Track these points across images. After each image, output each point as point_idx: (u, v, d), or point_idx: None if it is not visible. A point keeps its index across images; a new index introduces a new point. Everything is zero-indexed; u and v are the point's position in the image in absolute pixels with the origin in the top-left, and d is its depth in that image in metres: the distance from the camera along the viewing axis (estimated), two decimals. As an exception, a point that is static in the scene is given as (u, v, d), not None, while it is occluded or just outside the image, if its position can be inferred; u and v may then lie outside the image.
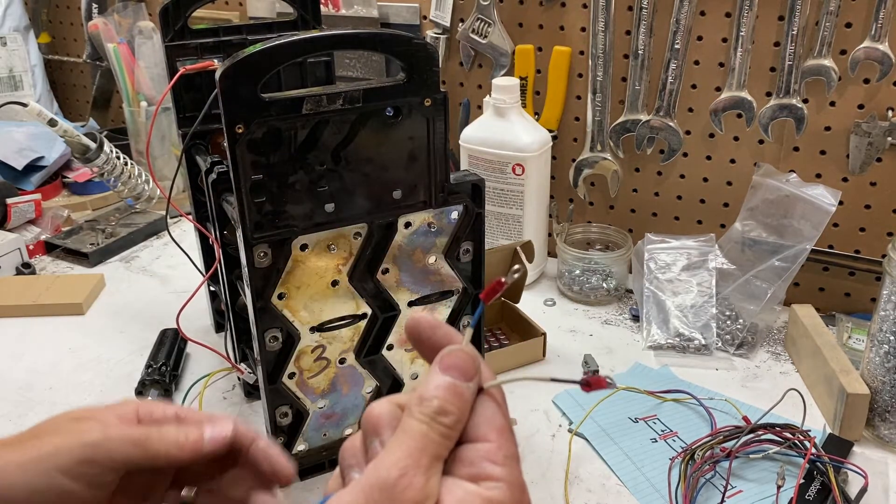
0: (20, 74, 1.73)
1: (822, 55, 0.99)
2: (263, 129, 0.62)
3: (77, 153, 1.19)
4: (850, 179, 1.04)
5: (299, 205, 0.66)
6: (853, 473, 0.77)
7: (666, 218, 1.19)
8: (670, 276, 1.06)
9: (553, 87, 1.18)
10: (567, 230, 1.19)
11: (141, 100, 1.46)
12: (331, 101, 0.63)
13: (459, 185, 0.72)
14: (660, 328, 1.03)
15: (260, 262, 0.66)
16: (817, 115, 1.03)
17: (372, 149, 0.67)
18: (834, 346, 0.90)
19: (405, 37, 0.64)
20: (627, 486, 0.79)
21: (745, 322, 1.03)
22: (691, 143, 1.13)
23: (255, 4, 1.44)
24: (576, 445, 0.85)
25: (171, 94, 0.89)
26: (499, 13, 1.18)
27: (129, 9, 1.52)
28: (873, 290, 1.06)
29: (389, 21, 1.29)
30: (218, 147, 0.88)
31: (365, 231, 0.70)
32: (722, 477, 0.78)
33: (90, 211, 1.45)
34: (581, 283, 1.14)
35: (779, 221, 1.02)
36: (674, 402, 0.91)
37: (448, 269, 0.75)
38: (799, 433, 0.80)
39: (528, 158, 1.09)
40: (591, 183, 1.22)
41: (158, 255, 1.31)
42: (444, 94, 0.67)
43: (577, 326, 1.09)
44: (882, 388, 0.82)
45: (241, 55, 0.59)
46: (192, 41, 0.91)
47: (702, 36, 1.06)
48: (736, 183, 1.12)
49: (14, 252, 1.24)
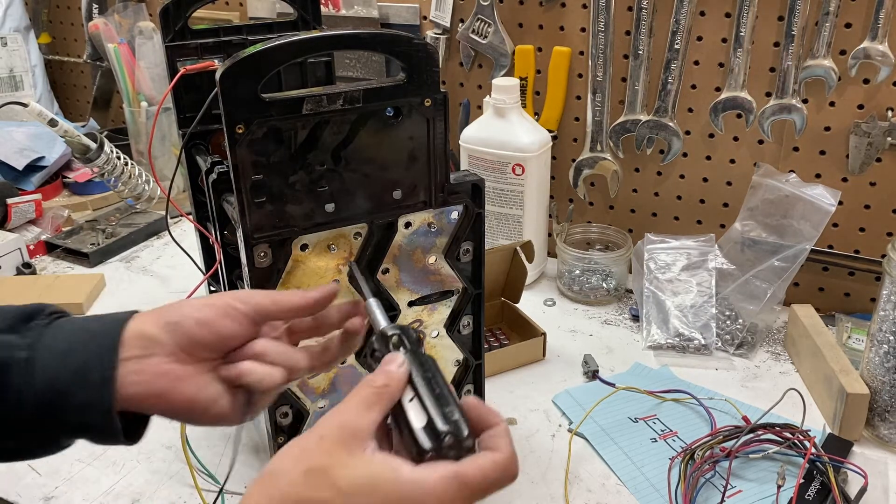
0: (20, 74, 1.73)
1: (822, 55, 0.99)
2: (263, 130, 0.62)
3: (77, 153, 1.19)
4: (849, 179, 1.04)
5: (299, 205, 0.66)
6: (853, 473, 0.77)
7: (666, 218, 1.19)
8: (670, 276, 1.06)
9: (553, 87, 1.18)
10: (567, 230, 1.19)
11: (141, 100, 1.46)
12: (331, 101, 0.63)
13: (459, 185, 0.72)
14: (660, 328, 1.03)
15: (260, 262, 0.66)
16: (817, 115, 1.03)
17: (372, 149, 0.67)
18: (834, 346, 0.90)
19: (405, 37, 0.64)
20: (627, 486, 0.79)
21: (745, 322, 1.03)
22: (691, 143, 1.13)
23: (255, 4, 1.44)
24: (576, 445, 0.85)
25: (171, 95, 0.89)
26: (499, 13, 1.18)
27: (129, 9, 1.52)
28: (873, 290, 1.06)
29: (389, 21, 1.29)
30: (218, 147, 0.88)
31: (365, 231, 0.70)
32: (722, 477, 0.78)
33: (90, 211, 1.46)
34: (581, 283, 1.14)
35: (778, 221, 1.02)
36: (673, 401, 0.91)
37: (448, 269, 0.75)
38: (799, 433, 0.80)
39: (528, 158, 1.09)
40: (591, 183, 1.22)
41: (159, 255, 1.31)
42: (444, 95, 0.67)
43: (577, 326, 1.09)
44: (882, 388, 0.82)
45: (242, 55, 0.59)
46: (192, 41, 0.91)
47: (702, 36, 1.06)
48: (736, 183, 1.12)
49: (14, 252, 1.24)
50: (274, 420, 0.75)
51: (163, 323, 0.54)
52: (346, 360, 0.76)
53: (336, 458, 0.44)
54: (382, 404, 0.47)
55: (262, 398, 0.57)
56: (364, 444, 0.45)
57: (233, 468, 0.72)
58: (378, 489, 0.43)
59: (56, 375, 0.51)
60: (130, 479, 0.82)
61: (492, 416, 0.48)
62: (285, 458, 0.45)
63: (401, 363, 0.49)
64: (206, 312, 0.54)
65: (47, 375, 0.51)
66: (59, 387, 0.51)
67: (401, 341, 0.52)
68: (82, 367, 0.51)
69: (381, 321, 0.56)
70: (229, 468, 0.74)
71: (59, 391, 0.51)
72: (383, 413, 0.47)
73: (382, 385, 0.48)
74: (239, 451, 0.85)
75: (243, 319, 0.55)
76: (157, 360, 0.53)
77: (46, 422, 0.51)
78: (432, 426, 0.45)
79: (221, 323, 0.54)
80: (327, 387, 0.76)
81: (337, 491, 0.43)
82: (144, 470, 0.83)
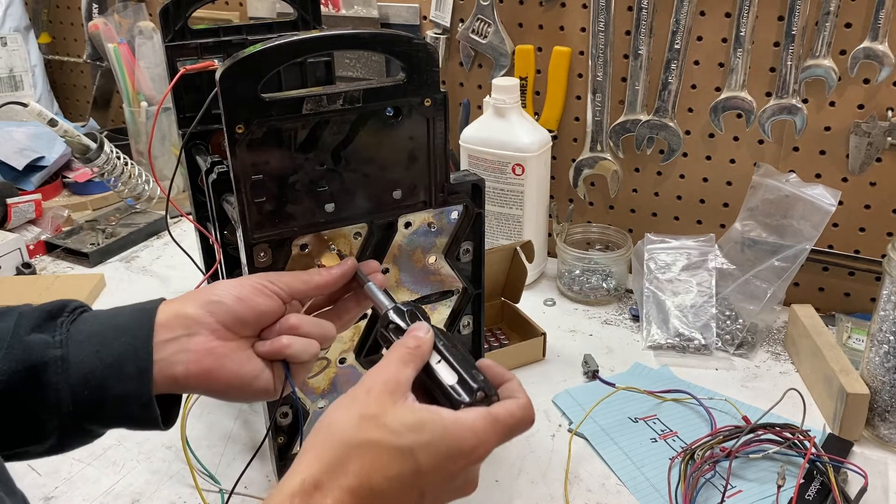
0: (20, 74, 1.73)
1: (822, 55, 0.99)
2: (263, 129, 0.62)
3: (77, 153, 1.19)
4: (849, 179, 1.04)
5: (299, 205, 0.66)
6: (853, 473, 0.77)
7: (666, 218, 1.19)
8: (670, 276, 1.06)
9: (553, 87, 1.18)
10: (567, 230, 1.19)
11: (141, 100, 1.46)
12: (331, 101, 0.63)
13: (459, 185, 0.72)
14: (660, 328, 1.03)
15: (260, 262, 0.66)
16: (817, 115, 1.03)
17: (372, 149, 0.67)
18: (834, 346, 0.90)
19: (405, 37, 0.64)
20: (627, 486, 0.79)
21: (745, 322, 1.03)
22: (691, 143, 1.13)
23: (255, 4, 1.44)
24: (576, 445, 0.85)
25: (171, 95, 0.89)
26: (499, 13, 1.18)
27: (129, 9, 1.52)
28: (873, 290, 1.06)
29: (389, 21, 1.29)
30: (218, 147, 0.88)
31: (365, 231, 0.70)
32: (722, 477, 0.78)
33: (90, 211, 1.45)
34: (581, 283, 1.14)
35: (779, 221, 1.02)
36: (674, 401, 0.91)
37: (448, 269, 0.75)
38: (799, 433, 0.80)
39: (528, 158, 1.09)
40: (591, 183, 1.22)
41: (159, 255, 1.31)
42: (444, 94, 0.67)
43: (577, 326, 1.09)
44: (882, 388, 0.82)
45: (242, 55, 0.59)
46: (192, 41, 0.91)
47: (702, 36, 1.06)
48: (736, 183, 1.12)
49: (14, 252, 1.24)
50: (274, 420, 0.75)
51: (202, 302, 0.57)
52: (346, 360, 0.76)
53: (384, 406, 0.49)
54: (416, 362, 0.53)
55: (300, 370, 0.60)
56: (406, 394, 0.50)
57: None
58: (425, 427, 0.48)
59: (91, 371, 0.53)
60: (130, 479, 0.82)
61: (505, 373, 0.55)
62: (338, 409, 0.50)
63: (427, 329, 0.55)
64: (243, 291, 0.58)
65: (82, 371, 0.53)
66: (96, 382, 0.53)
67: (415, 314, 0.59)
68: (117, 360, 0.53)
69: (385, 301, 0.61)
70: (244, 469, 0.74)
71: (96, 386, 0.53)
72: (417, 370, 0.53)
73: (415, 346, 0.53)
74: (239, 452, 0.85)
75: (276, 297, 0.59)
76: (202, 338, 0.56)
77: (85, 416, 0.53)
78: (465, 383, 0.52)
79: (258, 300, 0.58)
80: (327, 387, 0.76)
81: (388, 430, 0.48)
82: (144, 470, 0.83)
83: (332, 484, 0.46)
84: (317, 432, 0.50)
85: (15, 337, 0.53)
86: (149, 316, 0.56)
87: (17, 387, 0.52)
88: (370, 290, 0.63)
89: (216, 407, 0.92)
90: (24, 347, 0.52)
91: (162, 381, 0.54)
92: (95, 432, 0.56)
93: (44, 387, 0.52)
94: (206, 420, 0.90)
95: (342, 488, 0.46)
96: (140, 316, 0.56)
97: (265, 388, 0.58)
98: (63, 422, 0.53)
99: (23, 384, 0.52)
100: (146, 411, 0.54)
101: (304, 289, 0.61)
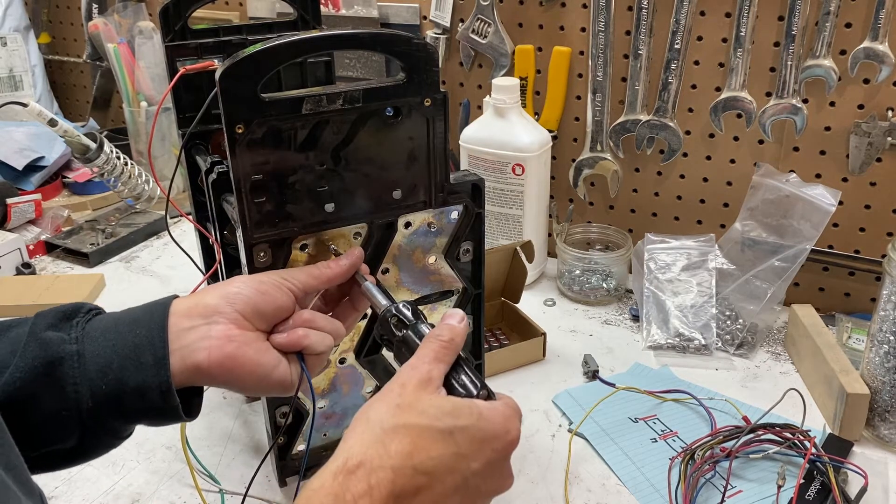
0: (20, 74, 1.73)
1: (822, 55, 0.99)
2: (263, 129, 0.62)
3: (77, 153, 1.19)
4: (849, 179, 1.04)
5: (299, 205, 0.66)
6: (853, 473, 0.77)
7: (666, 218, 1.19)
8: (670, 276, 1.06)
9: (553, 87, 1.18)
10: (567, 230, 1.19)
11: (141, 100, 1.46)
12: (331, 101, 0.63)
13: (459, 185, 0.72)
14: (660, 328, 1.03)
15: (260, 262, 0.66)
16: (817, 115, 1.03)
17: (372, 149, 0.67)
18: (834, 346, 0.90)
19: (405, 37, 0.64)
20: (627, 486, 0.79)
21: (745, 322, 1.03)
22: (691, 143, 1.13)
23: (255, 4, 1.44)
24: (576, 445, 0.85)
25: (171, 95, 0.89)
26: (499, 13, 1.18)
27: (129, 9, 1.52)
28: (873, 290, 1.06)
29: (389, 21, 1.29)
30: (218, 147, 0.88)
31: (365, 231, 0.70)
32: (722, 477, 0.78)
33: (90, 211, 1.45)
34: (581, 283, 1.14)
35: (779, 221, 1.02)
36: (674, 402, 0.91)
37: (448, 269, 0.75)
38: (799, 433, 0.80)
39: (528, 158, 1.09)
40: (591, 183, 1.22)
41: (158, 255, 1.31)
42: (444, 94, 0.67)
43: (577, 326, 1.09)
44: (882, 388, 0.82)
45: (241, 55, 0.59)
46: (192, 41, 0.91)
47: (702, 36, 1.06)
48: (736, 183, 1.12)
49: (14, 252, 1.24)
50: (274, 420, 0.75)
51: (221, 293, 0.58)
52: (345, 360, 0.76)
53: (419, 396, 0.51)
54: (450, 357, 0.55)
55: (315, 362, 0.62)
56: (439, 389, 0.53)
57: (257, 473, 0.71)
58: (461, 411, 0.51)
59: (108, 363, 0.53)
60: (130, 479, 0.82)
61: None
62: (374, 403, 0.52)
63: (461, 318, 0.57)
64: (262, 285, 0.59)
65: (99, 364, 0.53)
66: (113, 374, 0.53)
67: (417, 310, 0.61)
68: (133, 351, 0.54)
69: (383, 299, 0.63)
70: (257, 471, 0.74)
71: (114, 378, 0.53)
72: (450, 364, 0.55)
73: (449, 339, 0.55)
74: (239, 452, 0.85)
75: (290, 294, 0.60)
76: (221, 326, 0.57)
77: (105, 410, 0.53)
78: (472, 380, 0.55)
79: (277, 294, 0.60)
80: (327, 387, 0.76)
81: (427, 416, 0.50)
82: (144, 470, 0.83)
83: (375, 463, 0.48)
84: (355, 424, 0.51)
85: (31, 336, 0.54)
86: (162, 308, 0.57)
87: (36, 384, 0.52)
88: (368, 290, 0.64)
89: (216, 407, 0.92)
90: (39, 345, 0.53)
91: (184, 371, 0.55)
92: (118, 431, 0.56)
93: (61, 382, 0.52)
94: (206, 420, 0.90)
95: (384, 467, 0.47)
96: (154, 308, 0.57)
97: (282, 379, 0.59)
98: (84, 418, 0.53)
99: (41, 380, 0.52)
100: (166, 399, 0.54)
101: (316, 283, 0.63)
